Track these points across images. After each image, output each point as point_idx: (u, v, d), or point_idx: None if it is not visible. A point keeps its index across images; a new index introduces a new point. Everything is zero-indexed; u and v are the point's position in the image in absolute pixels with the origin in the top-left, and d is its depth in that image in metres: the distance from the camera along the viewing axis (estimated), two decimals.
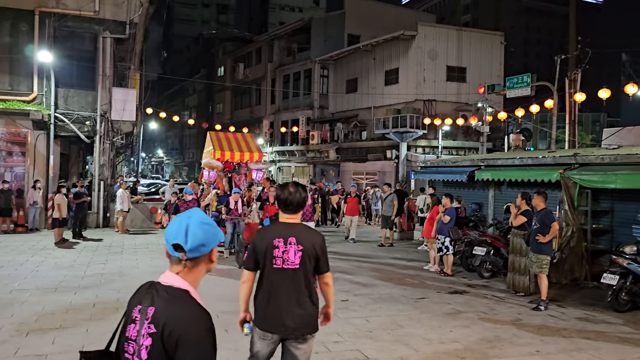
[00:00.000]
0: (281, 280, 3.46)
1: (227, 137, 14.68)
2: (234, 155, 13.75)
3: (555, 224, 8.38)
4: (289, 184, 3.64)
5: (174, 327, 1.78)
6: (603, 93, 17.22)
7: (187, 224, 1.93)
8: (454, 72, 30.53)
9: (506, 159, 12.55)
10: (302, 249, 3.45)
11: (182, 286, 1.91)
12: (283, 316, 3.44)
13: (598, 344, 6.42)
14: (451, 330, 6.86)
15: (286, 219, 3.59)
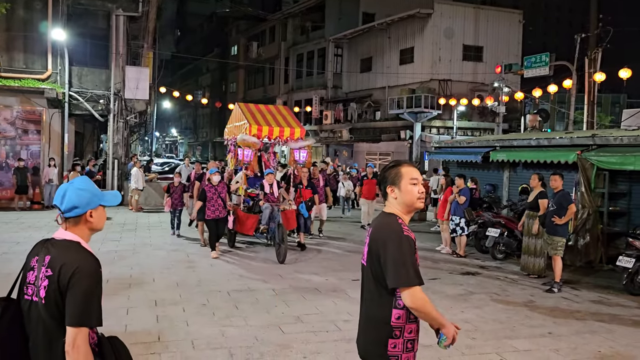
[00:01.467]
0: (363, 280, 2.76)
1: (260, 110, 12.11)
2: (272, 131, 11.34)
3: (572, 206, 8.28)
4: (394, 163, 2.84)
5: (68, 268, 2.14)
6: (624, 73, 16.86)
7: (65, 189, 2.32)
8: (471, 52, 30.04)
9: (522, 140, 12.36)
10: (369, 244, 2.66)
11: (73, 239, 2.27)
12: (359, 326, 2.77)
13: (611, 327, 6.37)
14: (462, 311, 6.85)
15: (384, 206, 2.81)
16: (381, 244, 2.51)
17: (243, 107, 12.11)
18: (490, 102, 23.76)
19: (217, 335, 5.59)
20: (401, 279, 2.43)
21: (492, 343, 5.67)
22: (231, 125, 12.73)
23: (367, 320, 2.65)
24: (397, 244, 2.48)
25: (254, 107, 12.25)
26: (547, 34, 70.68)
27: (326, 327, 5.99)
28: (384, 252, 2.49)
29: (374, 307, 2.60)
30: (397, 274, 2.44)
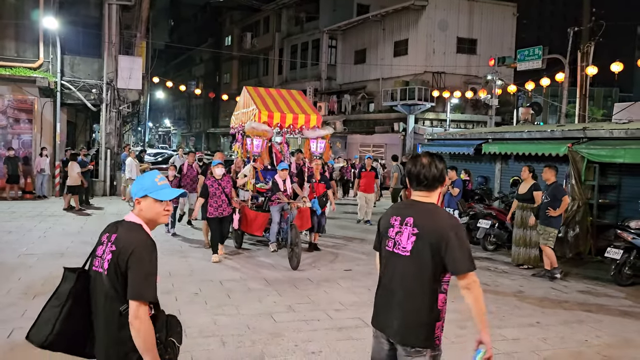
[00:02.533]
0: (392, 267, 2.85)
1: (271, 94, 10.84)
2: (285, 118, 10.12)
3: (566, 198, 8.39)
4: (422, 155, 2.93)
5: (127, 245, 2.47)
6: (616, 66, 16.94)
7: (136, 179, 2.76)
8: (465, 44, 30.03)
9: (514, 133, 12.44)
10: (418, 233, 2.74)
11: (136, 221, 2.61)
12: (387, 312, 2.86)
13: (599, 317, 6.47)
14: (453, 301, 6.81)
15: (417, 196, 2.90)
16: (445, 234, 2.68)
17: (252, 91, 10.80)
18: (484, 94, 23.83)
19: (209, 324, 5.62)
20: (470, 264, 2.67)
21: None
22: (238, 112, 11.50)
23: (408, 307, 2.76)
24: (464, 233, 2.74)
25: (264, 91, 11.00)
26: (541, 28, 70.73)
27: (318, 316, 6.04)
28: (448, 241, 2.66)
29: (418, 293, 2.74)
30: (468, 260, 2.67)
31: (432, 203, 2.88)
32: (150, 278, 2.45)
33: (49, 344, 2.53)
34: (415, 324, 2.74)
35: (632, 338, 5.75)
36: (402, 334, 2.77)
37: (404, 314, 2.77)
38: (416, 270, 2.74)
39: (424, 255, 2.71)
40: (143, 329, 2.40)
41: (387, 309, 2.86)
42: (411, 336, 2.74)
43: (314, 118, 10.38)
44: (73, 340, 2.59)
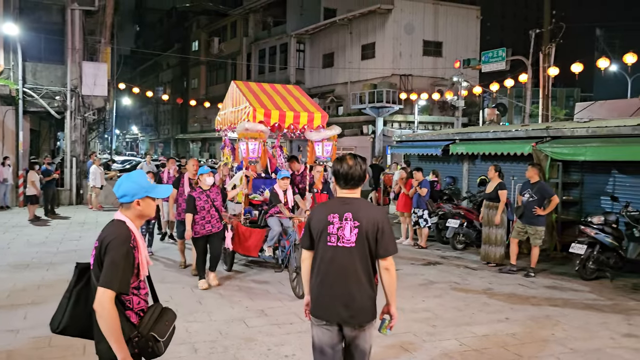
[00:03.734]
0: (338, 260, 3.15)
1: (265, 90, 9.28)
2: (285, 117, 8.54)
3: (555, 197, 8.55)
4: (347, 156, 3.29)
5: (105, 239, 2.67)
6: (576, 67, 17.45)
7: (122, 180, 2.85)
8: (430, 47, 30.48)
9: (480, 133, 12.67)
10: (359, 226, 3.12)
11: (121, 218, 2.79)
12: (337, 301, 3.14)
13: (564, 311, 6.64)
14: (423, 300, 7.01)
15: (345, 193, 3.27)
16: (380, 224, 3.14)
17: (242, 86, 9.27)
18: (450, 96, 24.21)
19: (181, 331, 5.55)
20: (395, 248, 3.19)
21: (452, 330, 5.83)
22: (225, 112, 9.89)
23: (360, 291, 3.14)
24: (389, 223, 3.23)
25: (257, 87, 9.42)
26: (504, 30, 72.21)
27: (290, 320, 6.04)
28: (383, 229, 3.13)
29: (365, 277, 3.15)
30: (394, 245, 3.19)
31: (362, 198, 3.33)
32: (116, 268, 2.58)
33: (62, 329, 2.83)
34: (370, 303, 3.17)
35: (596, 330, 5.92)
36: (358, 316, 3.14)
37: (357, 298, 3.13)
38: (361, 258, 3.14)
39: (365, 244, 3.13)
40: (104, 315, 2.54)
41: (343, 298, 3.14)
42: (366, 315, 3.16)
43: (318, 117, 8.82)
44: (81, 326, 2.82)
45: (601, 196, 9.85)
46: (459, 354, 5.12)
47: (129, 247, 2.67)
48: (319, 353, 3.23)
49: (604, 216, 8.61)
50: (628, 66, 17.63)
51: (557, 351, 5.24)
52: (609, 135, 9.38)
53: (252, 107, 8.33)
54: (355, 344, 3.19)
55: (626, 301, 7.20)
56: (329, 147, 8.89)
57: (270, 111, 8.42)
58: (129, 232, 2.72)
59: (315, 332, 3.25)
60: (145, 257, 2.81)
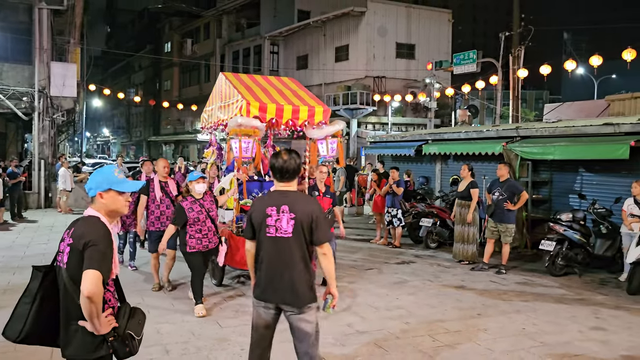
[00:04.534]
0: (276, 249, 3.42)
1: (257, 82, 8.23)
2: (283, 111, 7.52)
3: (524, 193, 8.69)
4: (282, 151, 3.55)
5: (82, 235, 2.59)
6: (544, 69, 17.83)
7: (92, 175, 2.85)
8: (403, 49, 30.78)
9: (452, 133, 12.82)
10: (295, 217, 3.39)
11: (94, 214, 2.73)
12: (277, 286, 3.42)
13: (535, 306, 6.74)
14: (397, 298, 7.04)
15: (281, 187, 3.52)
16: (314, 215, 3.42)
17: (232, 78, 8.25)
18: (423, 97, 24.47)
19: (152, 333, 5.46)
20: (328, 235, 3.52)
21: (425, 326, 5.86)
22: (213, 107, 8.82)
23: (297, 276, 3.40)
24: (323, 213, 3.56)
25: (248, 79, 8.35)
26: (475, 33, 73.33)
27: None
28: (317, 220, 3.41)
29: (301, 264, 3.42)
30: (327, 233, 3.51)
31: (297, 191, 3.55)
32: (103, 255, 2.55)
33: (23, 338, 2.69)
34: (307, 288, 3.43)
35: (565, 324, 6.03)
36: (298, 298, 3.40)
37: (296, 283, 3.40)
38: (297, 246, 3.41)
39: (301, 234, 3.40)
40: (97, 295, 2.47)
41: (277, 283, 3.42)
42: (306, 297, 3.42)
43: (319, 111, 7.77)
44: (45, 333, 2.73)
45: (569, 194, 10.07)
46: (432, 350, 5.15)
47: (110, 240, 2.65)
48: (255, 331, 3.56)
49: (572, 213, 8.79)
50: (594, 68, 18.07)
51: (527, 345, 5.32)
52: (576, 135, 9.60)
53: (245, 100, 7.28)
54: (297, 325, 3.45)
55: (594, 296, 7.35)
56: (334, 144, 7.93)
57: (266, 105, 7.39)
58: (106, 227, 2.68)
59: (254, 313, 3.55)
60: (116, 256, 2.76)
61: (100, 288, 2.50)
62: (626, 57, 15.00)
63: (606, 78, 34.24)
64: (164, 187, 7.37)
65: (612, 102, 15.56)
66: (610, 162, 8.85)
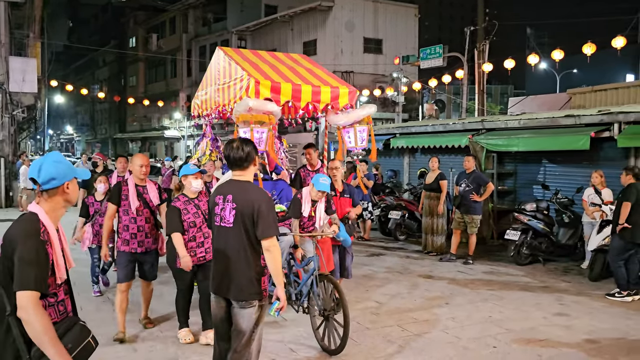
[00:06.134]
0: (221, 239, 3.40)
1: (263, 58, 6.90)
2: (301, 92, 6.17)
3: (490, 184, 8.84)
4: (234, 140, 3.49)
5: (11, 237, 2.31)
6: (509, 63, 18.16)
7: (41, 163, 2.41)
8: (371, 44, 30.91)
9: (419, 127, 12.97)
10: (236, 207, 3.32)
11: (35, 210, 2.38)
12: (221, 277, 3.37)
13: (501, 294, 6.88)
14: (367, 290, 7.08)
15: (235, 176, 3.47)
16: (256, 206, 3.28)
17: (232, 53, 6.85)
18: (391, 92, 24.62)
19: None
20: (273, 230, 3.29)
21: (395, 317, 5.91)
22: (208, 91, 7.34)
23: (238, 268, 3.31)
24: (271, 205, 3.38)
25: (252, 54, 6.96)
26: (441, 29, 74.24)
27: None
28: (259, 211, 3.26)
29: (243, 257, 3.31)
30: (272, 227, 3.29)
31: (247, 181, 3.44)
32: (28, 265, 2.22)
33: None
34: (246, 282, 3.31)
35: (530, 311, 6.17)
36: (237, 291, 3.31)
37: (235, 275, 3.32)
38: (238, 238, 3.31)
39: (243, 225, 3.30)
40: (32, 320, 2.16)
41: (222, 274, 3.36)
42: (244, 292, 3.31)
43: (344, 92, 6.43)
44: None
45: (533, 185, 10.30)
46: (400, 339, 5.20)
47: (39, 241, 2.28)
48: (214, 324, 3.57)
49: (536, 204, 9.00)
50: (556, 63, 18.49)
51: (494, 332, 5.42)
52: (540, 127, 9.81)
53: (253, 78, 5.90)
54: (235, 320, 3.37)
55: (557, 283, 7.54)
56: (363, 132, 6.59)
57: (280, 84, 6.03)
58: (38, 225, 2.32)
59: (212, 305, 3.52)
60: (61, 256, 2.38)
61: (36, 309, 2.18)
62: (586, 51, 15.38)
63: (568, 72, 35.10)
64: (141, 194, 5.24)
65: (574, 95, 15.96)
66: (572, 153, 9.09)
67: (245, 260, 3.32)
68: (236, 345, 3.34)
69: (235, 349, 3.34)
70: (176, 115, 39.33)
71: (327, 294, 5.00)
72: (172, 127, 40.79)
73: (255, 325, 3.35)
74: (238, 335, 3.34)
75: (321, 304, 4.98)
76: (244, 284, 3.31)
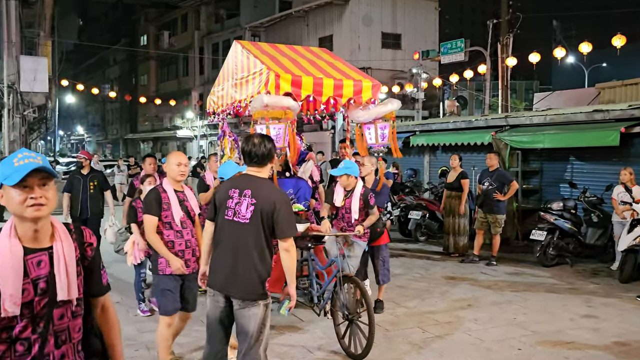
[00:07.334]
0: (230, 234, 3.39)
1: (283, 52, 6.83)
2: (322, 86, 6.13)
3: (515, 182, 8.82)
4: (254, 136, 3.56)
5: None
6: (534, 57, 18.01)
7: None
8: (389, 39, 30.89)
9: (440, 124, 12.96)
10: (256, 203, 3.33)
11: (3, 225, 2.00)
12: (226, 273, 3.37)
13: (526, 296, 6.87)
14: (386, 291, 7.08)
15: (251, 171, 3.50)
16: (277, 205, 3.33)
17: (250, 46, 6.86)
18: (410, 88, 24.58)
19: (133, 333, 5.47)
20: (293, 230, 3.41)
21: (415, 318, 5.94)
22: (223, 87, 7.28)
23: (250, 266, 3.32)
24: (290, 207, 3.47)
25: (271, 48, 6.95)
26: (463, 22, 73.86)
27: None
28: (280, 211, 3.32)
29: (256, 255, 3.34)
30: (292, 228, 3.41)
31: (265, 178, 3.51)
32: None
33: None
34: (256, 281, 3.33)
35: (556, 313, 6.15)
36: (245, 291, 3.31)
37: (246, 273, 3.32)
38: (254, 235, 3.34)
39: (260, 222, 3.33)
40: None
41: (229, 270, 3.35)
42: (252, 291, 3.32)
43: (367, 86, 6.37)
44: None
45: (560, 183, 10.24)
46: (421, 341, 5.23)
47: None
48: (208, 323, 3.50)
49: (563, 202, 8.95)
50: (584, 56, 18.29)
51: (518, 334, 5.42)
52: (566, 123, 9.75)
53: (271, 72, 5.87)
54: (240, 322, 3.35)
55: (586, 285, 7.50)
56: (385, 129, 6.56)
57: (300, 78, 6.01)
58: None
59: (207, 302, 3.49)
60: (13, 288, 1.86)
61: None
62: (616, 44, 15.22)
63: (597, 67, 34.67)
64: (182, 201, 4.38)
65: (603, 89, 15.81)
66: (601, 149, 9.02)
67: (259, 258, 3.34)
68: (244, 348, 3.33)
69: (244, 352, 3.33)
70: (188, 114, 39.72)
71: (351, 297, 4.97)
72: (185, 126, 41.22)
73: (262, 324, 3.35)
74: (245, 338, 3.33)
75: (345, 307, 4.93)
76: (254, 284, 3.32)
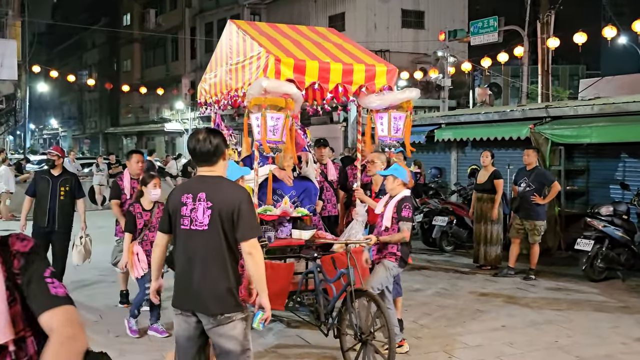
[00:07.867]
0: (190, 245, 3.43)
1: (284, 33, 6.74)
2: (329, 72, 6.04)
3: (556, 183, 8.81)
4: (199, 130, 3.56)
5: None
6: (579, 37, 17.86)
7: None
8: (410, 17, 30.86)
9: (470, 115, 12.94)
10: (212, 207, 3.38)
11: None
12: (190, 288, 3.41)
13: (570, 315, 6.85)
14: (406, 310, 7.09)
15: (203, 172, 3.54)
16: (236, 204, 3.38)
17: (247, 27, 6.83)
18: (435, 74, 24.55)
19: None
20: (255, 231, 3.50)
21: (440, 341, 5.95)
22: (216, 73, 7.21)
23: (214, 278, 3.37)
24: (251, 203, 3.57)
25: (270, 28, 6.96)
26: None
27: None
28: (239, 211, 3.36)
29: (221, 264, 3.39)
30: (254, 228, 3.49)
31: (218, 176, 3.53)
32: None
33: None
34: (224, 292, 3.37)
35: (605, 335, 6.14)
36: (213, 305, 3.36)
37: (211, 286, 3.37)
38: (216, 242, 3.38)
39: (220, 227, 3.37)
40: None
41: (193, 286, 3.40)
42: (221, 305, 3.36)
43: (381, 71, 6.28)
44: None
45: (610, 184, 10.18)
46: None
47: None
48: (177, 344, 3.58)
49: (613, 206, 8.89)
50: (638, 36, 18.16)
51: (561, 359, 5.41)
52: (618, 114, 9.69)
53: (271, 55, 5.77)
54: (216, 342, 3.41)
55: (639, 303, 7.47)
56: (400, 120, 6.37)
57: (304, 63, 5.92)
58: None
59: (174, 322, 3.58)
60: None
61: None
62: None
63: None
64: None
65: None
66: None
67: (223, 267, 3.40)
68: None
69: None
70: (178, 105, 39.89)
71: (365, 314, 4.93)
72: (174, 119, 41.40)
73: (244, 340, 3.41)
74: (225, 358, 3.41)
75: (357, 326, 4.88)
76: (222, 296, 3.37)
